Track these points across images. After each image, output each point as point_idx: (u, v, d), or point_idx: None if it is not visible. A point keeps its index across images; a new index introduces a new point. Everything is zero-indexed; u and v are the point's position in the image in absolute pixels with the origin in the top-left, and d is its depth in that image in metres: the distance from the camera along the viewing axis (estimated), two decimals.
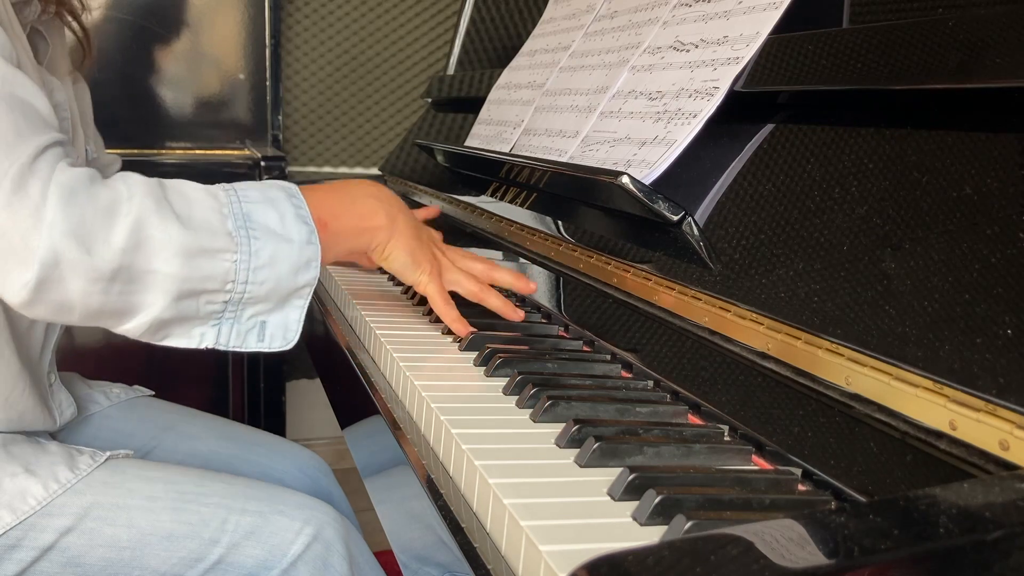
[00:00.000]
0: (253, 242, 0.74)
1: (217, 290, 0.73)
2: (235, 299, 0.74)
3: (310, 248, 0.77)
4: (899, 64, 0.64)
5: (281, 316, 0.78)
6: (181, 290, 0.72)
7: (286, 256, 0.75)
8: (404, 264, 0.88)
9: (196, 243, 0.71)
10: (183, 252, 0.71)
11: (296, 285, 0.77)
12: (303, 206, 0.78)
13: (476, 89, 1.50)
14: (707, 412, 0.67)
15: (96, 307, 0.70)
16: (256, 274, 0.74)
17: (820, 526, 0.38)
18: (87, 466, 0.91)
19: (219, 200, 0.75)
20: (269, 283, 0.75)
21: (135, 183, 0.72)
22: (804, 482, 0.57)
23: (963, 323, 0.51)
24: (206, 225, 0.73)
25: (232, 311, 0.75)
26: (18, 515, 0.85)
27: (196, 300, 0.73)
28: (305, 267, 0.77)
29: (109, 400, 1.13)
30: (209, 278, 0.72)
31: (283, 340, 0.78)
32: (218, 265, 0.73)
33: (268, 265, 0.75)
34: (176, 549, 0.90)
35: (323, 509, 0.97)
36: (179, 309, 0.73)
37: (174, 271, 0.71)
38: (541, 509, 0.52)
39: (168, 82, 2.09)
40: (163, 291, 0.71)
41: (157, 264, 0.70)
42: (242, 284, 0.74)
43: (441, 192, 1.39)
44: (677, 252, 0.78)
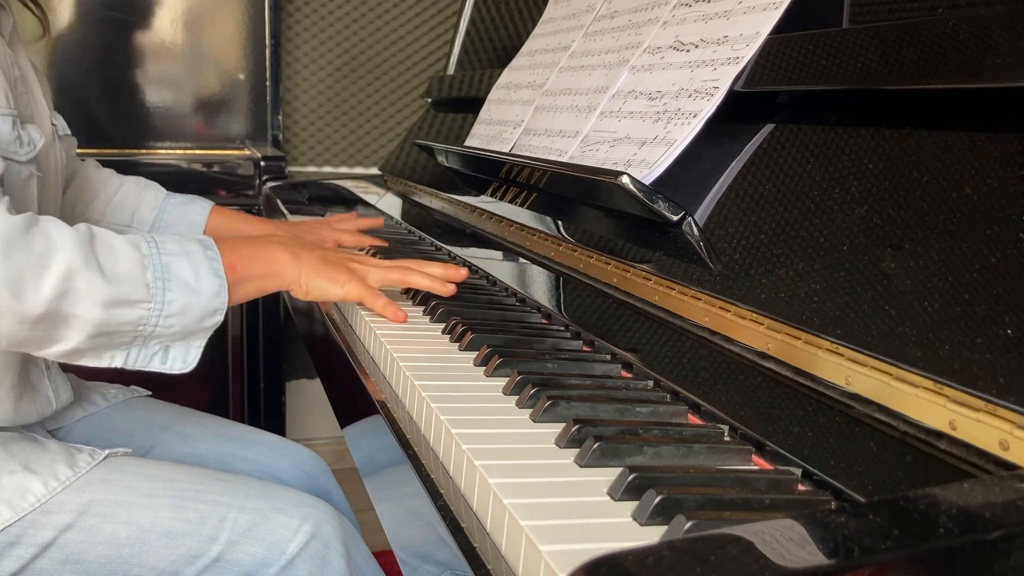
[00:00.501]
0: (167, 293, 0.83)
1: (130, 331, 0.82)
2: (144, 335, 0.83)
3: (218, 299, 0.86)
4: (899, 64, 0.64)
5: (183, 346, 0.87)
6: (98, 331, 0.80)
7: (196, 306, 0.84)
8: (324, 287, 0.94)
9: (117, 294, 0.80)
10: (104, 302, 0.79)
11: (199, 328, 0.86)
12: (217, 258, 0.87)
13: (476, 89, 1.50)
14: (707, 412, 0.67)
15: (20, 340, 0.79)
16: (166, 320, 0.83)
17: (820, 526, 0.38)
18: (86, 464, 0.91)
19: (141, 252, 0.83)
20: (176, 327, 0.84)
21: (66, 234, 0.79)
22: (804, 482, 0.57)
23: (963, 323, 0.51)
24: (128, 277, 0.81)
25: (140, 344, 0.84)
26: (17, 512, 0.86)
27: (110, 337, 0.82)
28: (211, 314, 0.86)
29: (107, 401, 1.13)
30: (124, 323, 0.81)
31: (183, 364, 0.87)
32: (134, 313, 0.81)
33: (179, 314, 0.83)
34: (175, 546, 0.90)
35: (321, 507, 0.97)
36: (94, 343, 0.82)
37: (94, 317, 0.79)
38: (541, 509, 0.52)
39: (168, 82, 2.09)
40: (81, 331, 0.80)
41: (80, 311, 0.78)
42: (152, 327, 0.83)
43: (441, 192, 1.39)
44: (677, 252, 0.78)
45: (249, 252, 0.92)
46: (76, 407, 1.10)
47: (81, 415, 1.10)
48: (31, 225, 0.77)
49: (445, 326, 0.92)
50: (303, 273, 0.93)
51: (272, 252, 0.93)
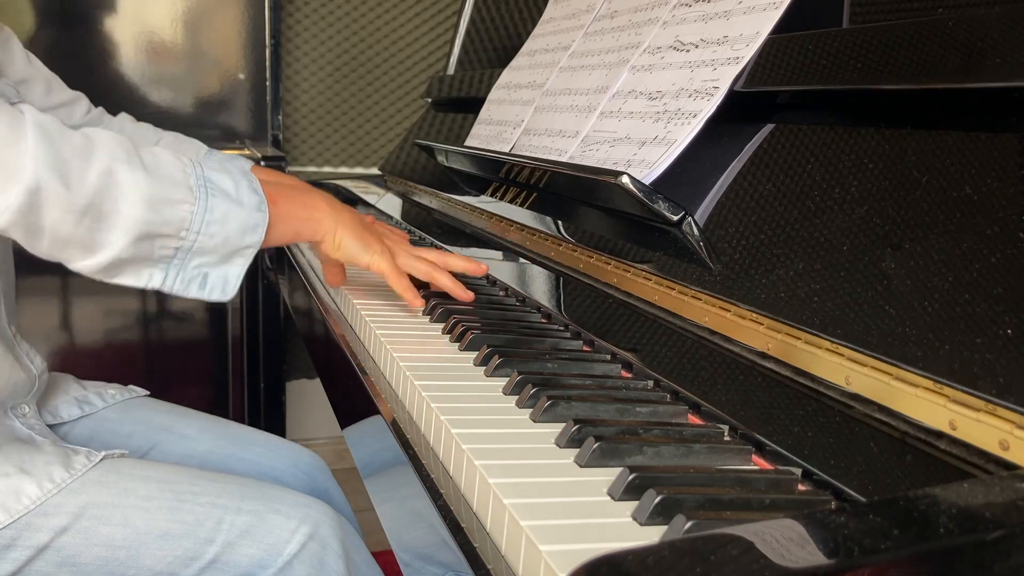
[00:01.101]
0: (210, 199, 0.82)
1: (172, 235, 0.80)
2: (186, 247, 0.81)
3: (259, 215, 0.85)
4: (899, 64, 0.64)
5: (223, 271, 0.85)
6: (141, 232, 0.78)
7: (236, 216, 0.83)
8: (356, 248, 0.94)
9: (160, 192, 0.79)
10: (147, 198, 0.78)
11: (242, 244, 0.84)
12: (256, 182, 0.87)
13: (476, 89, 1.50)
14: (707, 412, 0.67)
15: (64, 236, 0.76)
16: (209, 227, 0.81)
17: (820, 526, 0.38)
18: (82, 466, 0.91)
19: (183, 162, 0.83)
20: (218, 237, 0.82)
21: (106, 134, 0.79)
22: (804, 482, 0.57)
23: (963, 323, 0.51)
24: (170, 178, 0.80)
25: (181, 258, 0.82)
26: (12, 514, 0.85)
27: (152, 243, 0.80)
28: (252, 230, 0.84)
29: (104, 402, 1.13)
30: (167, 223, 0.79)
31: (221, 292, 0.85)
32: (176, 213, 0.80)
33: (220, 221, 0.82)
34: (171, 548, 0.90)
35: (319, 508, 0.97)
36: (136, 250, 0.79)
37: (138, 214, 0.78)
38: (541, 509, 0.52)
39: (168, 82, 2.09)
40: (125, 231, 0.78)
41: (124, 206, 0.77)
42: (195, 234, 0.81)
43: (441, 192, 1.39)
44: (677, 252, 0.78)
45: (290, 192, 0.92)
46: (74, 406, 1.10)
47: (79, 414, 1.10)
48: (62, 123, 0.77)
49: (445, 326, 0.92)
50: (339, 229, 0.93)
51: (313, 199, 0.94)
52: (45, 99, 1.13)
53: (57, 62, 1.28)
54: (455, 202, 1.31)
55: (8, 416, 0.97)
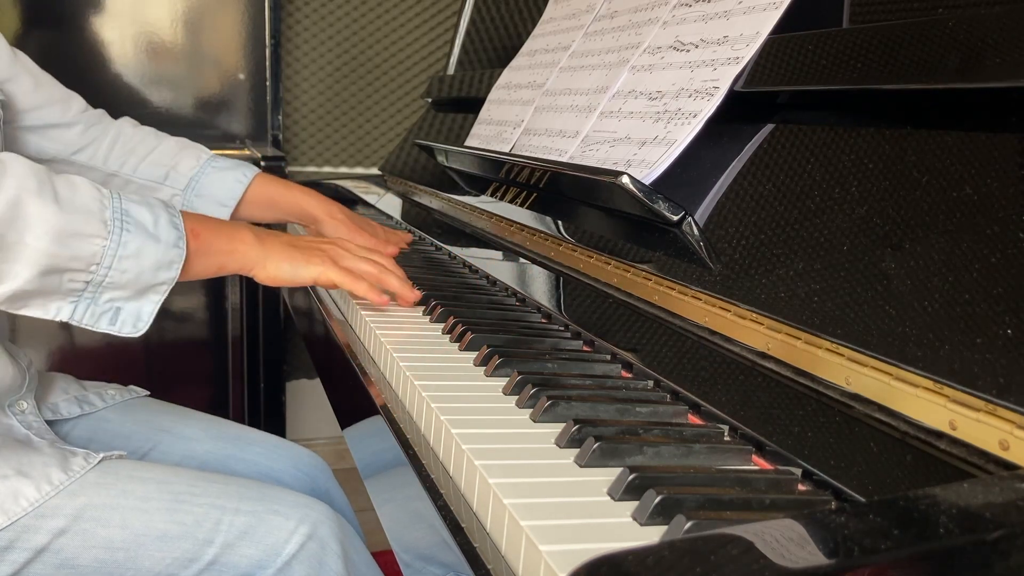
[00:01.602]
0: (124, 234, 0.80)
1: (81, 270, 0.79)
2: (96, 281, 0.80)
3: (175, 251, 0.84)
4: (899, 64, 0.64)
5: (136, 305, 0.83)
6: (48, 265, 0.77)
7: (151, 252, 0.82)
8: (290, 270, 0.93)
9: (70, 225, 0.77)
10: (55, 231, 0.76)
11: (155, 281, 0.83)
12: (178, 216, 0.86)
13: (476, 89, 1.50)
14: (707, 412, 0.67)
15: None
16: (121, 262, 0.80)
17: (820, 526, 0.38)
18: (80, 467, 0.91)
19: (101, 192, 0.81)
20: (130, 273, 0.81)
21: (22, 162, 0.78)
22: (804, 482, 0.57)
23: (963, 323, 0.51)
24: (84, 210, 0.79)
25: (91, 292, 0.81)
26: (10, 516, 0.85)
27: (60, 277, 0.78)
28: (167, 266, 0.83)
29: (104, 402, 1.13)
30: (76, 258, 0.78)
31: (133, 327, 0.84)
32: (87, 247, 0.78)
33: (134, 256, 0.81)
34: (170, 550, 0.90)
35: (318, 508, 0.97)
36: (42, 283, 0.78)
37: (44, 247, 0.76)
38: (541, 509, 0.52)
39: (168, 82, 2.09)
40: (30, 263, 0.76)
41: (29, 239, 0.75)
42: (105, 268, 0.80)
43: (441, 192, 1.39)
44: (677, 252, 0.78)
45: (215, 226, 0.91)
46: (74, 404, 1.10)
47: (79, 412, 1.10)
48: None
49: (445, 326, 0.92)
50: (269, 258, 0.92)
51: (238, 232, 0.92)
52: (32, 96, 1.10)
53: (57, 63, 1.28)
54: (455, 202, 1.31)
55: (6, 414, 0.97)
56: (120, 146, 1.19)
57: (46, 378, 1.10)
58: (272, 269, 0.92)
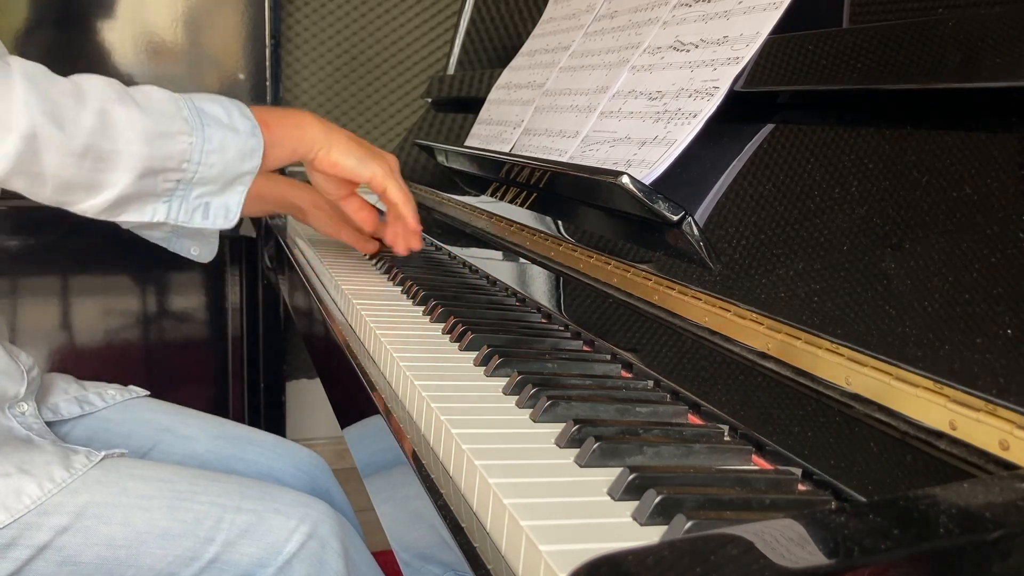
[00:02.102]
0: (206, 129, 0.83)
1: (174, 168, 0.82)
2: (187, 178, 0.83)
3: (254, 139, 0.87)
4: (899, 64, 0.64)
5: (223, 199, 0.87)
6: (144, 168, 0.80)
7: (233, 143, 0.85)
8: (354, 162, 0.97)
9: (156, 126, 0.80)
10: (145, 134, 0.79)
11: (240, 171, 0.86)
12: (246, 109, 0.89)
13: (476, 89, 1.50)
14: (707, 412, 0.67)
15: (67, 179, 0.78)
16: (208, 156, 0.83)
17: (820, 526, 0.38)
18: (82, 465, 0.91)
19: (174, 96, 0.84)
20: (218, 167, 0.84)
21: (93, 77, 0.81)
22: (804, 482, 0.57)
23: (963, 323, 0.51)
24: (164, 112, 0.82)
25: (183, 190, 0.84)
26: (12, 514, 0.85)
27: (155, 178, 0.81)
28: (249, 155, 0.86)
29: (104, 402, 1.13)
30: (168, 157, 0.81)
31: (224, 219, 0.88)
32: (175, 146, 0.81)
33: (218, 150, 0.84)
34: (171, 547, 0.90)
35: (319, 507, 0.97)
36: (140, 186, 0.81)
37: (137, 151, 0.79)
38: (541, 509, 0.52)
39: (168, 82, 2.08)
40: (128, 169, 0.79)
41: (122, 145, 0.79)
42: (195, 164, 0.83)
43: (441, 192, 1.39)
44: (677, 252, 0.78)
45: (280, 114, 0.94)
46: (74, 404, 1.10)
47: (79, 413, 1.10)
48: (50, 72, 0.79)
49: (445, 326, 0.92)
50: (334, 142, 0.95)
51: (303, 117, 0.96)
52: None
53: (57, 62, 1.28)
54: (455, 202, 1.31)
55: (6, 415, 0.97)
56: None
57: (46, 378, 1.11)
58: (336, 155, 0.95)
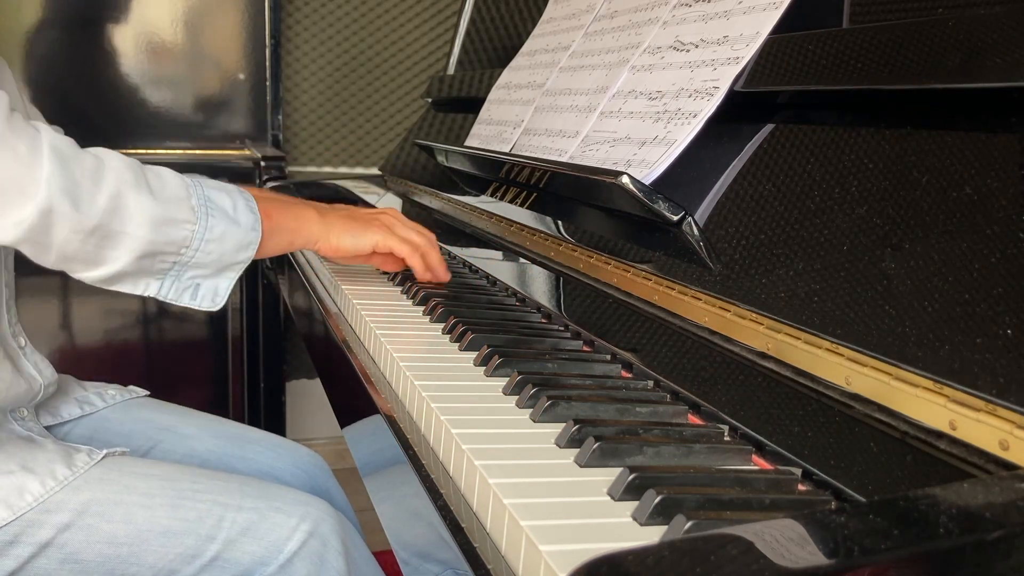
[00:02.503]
0: (210, 219, 0.88)
1: (172, 252, 0.87)
2: (183, 262, 0.88)
3: (253, 233, 0.91)
4: (899, 64, 0.64)
5: (214, 282, 0.91)
6: (145, 251, 0.84)
7: (233, 235, 0.89)
8: (352, 240, 1.00)
9: (164, 213, 0.85)
10: (153, 220, 0.84)
11: (234, 260, 0.91)
12: (252, 201, 0.93)
13: (476, 89, 1.50)
14: (707, 412, 0.67)
15: (71, 252, 0.82)
16: (207, 244, 0.88)
17: (820, 526, 0.38)
18: (84, 463, 0.91)
19: (184, 181, 0.89)
20: (214, 254, 0.89)
21: (115, 155, 0.84)
22: (804, 482, 0.57)
23: (963, 323, 0.51)
24: (175, 198, 0.86)
25: (177, 271, 0.88)
26: (15, 511, 0.86)
27: (153, 259, 0.86)
28: (246, 247, 0.91)
29: (105, 402, 1.13)
30: (170, 243, 0.86)
31: (211, 302, 0.91)
32: (179, 233, 0.86)
33: (218, 240, 0.88)
34: (173, 545, 0.90)
35: (320, 506, 0.98)
36: (138, 265, 0.85)
37: (143, 234, 0.83)
38: (541, 509, 0.52)
39: (168, 82, 2.09)
40: (130, 250, 0.84)
41: (130, 228, 0.83)
42: (193, 251, 0.87)
43: (441, 192, 1.39)
44: (677, 252, 0.78)
45: (281, 206, 0.98)
46: (74, 406, 1.10)
47: (79, 414, 1.10)
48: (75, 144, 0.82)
49: (445, 326, 0.92)
50: (331, 231, 0.99)
51: (302, 209, 1.00)
52: None
53: (57, 64, 1.28)
54: (455, 202, 1.31)
55: (8, 419, 0.97)
56: None
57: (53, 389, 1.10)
58: (335, 240, 0.99)
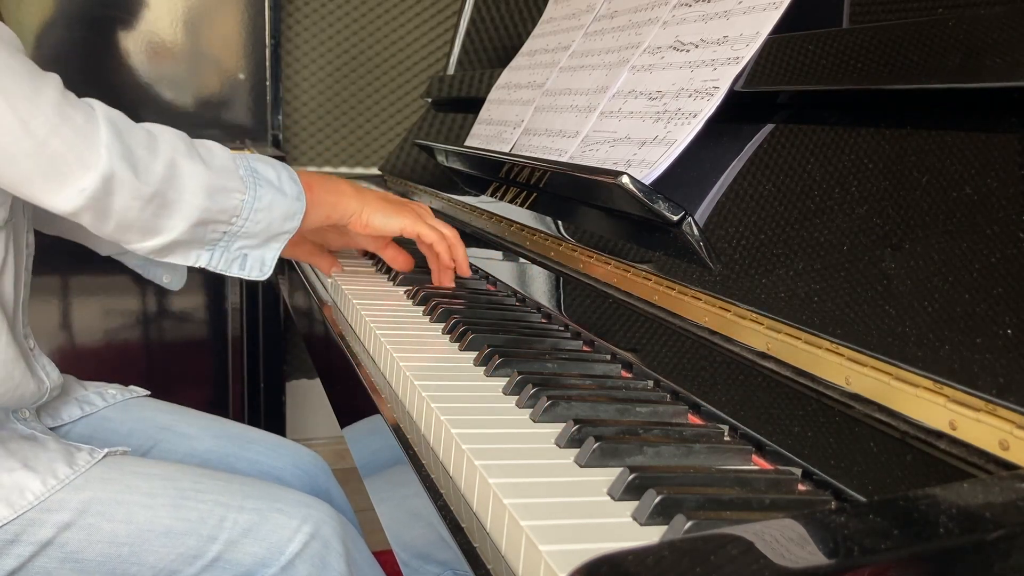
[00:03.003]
0: (258, 188, 0.90)
1: (224, 221, 0.89)
2: (233, 231, 0.90)
3: (298, 203, 0.93)
4: (899, 64, 0.64)
5: (260, 253, 0.93)
6: (200, 218, 0.87)
7: (280, 205, 0.91)
8: (385, 218, 1.01)
9: (217, 182, 0.87)
10: (207, 188, 0.86)
11: (281, 230, 0.93)
12: (294, 173, 0.96)
13: (476, 89, 1.50)
14: (707, 412, 0.67)
15: (130, 220, 0.84)
16: (256, 214, 0.90)
17: (820, 526, 0.38)
18: (85, 462, 0.91)
19: (230, 153, 0.91)
20: (262, 224, 0.91)
21: (165, 128, 0.88)
22: (804, 482, 0.57)
23: (963, 323, 0.51)
24: (224, 168, 0.89)
25: (227, 241, 0.90)
26: (16, 510, 0.86)
27: (205, 228, 0.88)
28: (291, 217, 0.93)
29: (105, 401, 1.13)
30: (223, 211, 0.88)
31: (259, 271, 0.94)
32: (231, 201, 0.88)
33: (266, 209, 0.90)
34: (174, 545, 0.90)
35: (321, 507, 0.98)
36: (192, 233, 0.87)
37: (199, 202, 0.86)
38: (541, 509, 0.52)
39: (168, 82, 2.09)
40: (185, 218, 0.86)
41: (187, 196, 0.85)
42: (243, 220, 0.89)
43: (441, 192, 1.39)
44: (677, 252, 0.78)
45: (321, 180, 1.01)
46: (75, 407, 1.10)
47: (80, 415, 1.10)
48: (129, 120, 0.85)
49: (445, 326, 0.92)
50: (365, 208, 1.01)
51: (339, 184, 1.02)
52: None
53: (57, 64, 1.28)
54: (455, 202, 1.31)
55: (10, 419, 0.97)
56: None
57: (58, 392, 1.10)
58: (366, 217, 1.01)
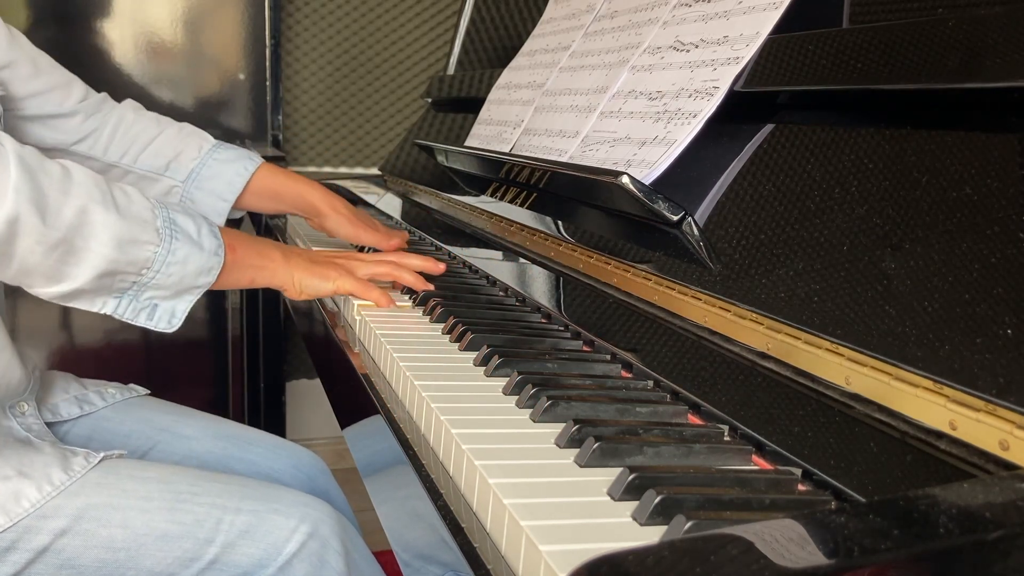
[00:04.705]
0: (174, 241, 0.86)
1: (133, 273, 0.85)
2: (143, 282, 0.86)
3: (215, 258, 0.90)
4: (899, 64, 0.64)
5: (171, 304, 0.90)
6: (106, 269, 0.83)
7: (195, 259, 0.88)
8: (315, 284, 0.98)
9: (129, 233, 0.83)
10: (117, 239, 0.82)
11: (194, 284, 0.89)
12: (215, 227, 0.92)
13: (476, 89, 1.50)
14: (707, 412, 0.67)
15: (31, 265, 0.80)
16: (168, 267, 0.86)
17: (820, 526, 0.38)
18: (81, 467, 0.91)
19: (151, 203, 0.87)
20: (175, 277, 0.87)
21: (82, 170, 0.83)
22: (804, 482, 0.57)
23: (963, 323, 0.51)
24: (140, 218, 0.85)
25: (135, 291, 0.87)
26: (12, 517, 0.85)
27: (113, 278, 0.84)
28: (207, 272, 0.89)
29: (104, 401, 1.13)
30: (132, 263, 0.84)
31: (167, 324, 0.90)
32: (142, 253, 0.85)
33: (180, 263, 0.87)
34: (171, 549, 0.90)
35: (319, 507, 0.97)
36: (98, 283, 0.84)
37: (106, 252, 0.82)
38: (541, 509, 0.52)
39: (168, 82, 2.09)
40: (91, 267, 0.82)
41: (94, 245, 0.81)
42: (154, 272, 0.86)
43: (441, 192, 1.39)
44: (677, 252, 0.78)
45: (248, 241, 0.96)
46: (74, 404, 1.10)
47: (79, 413, 1.10)
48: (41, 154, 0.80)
49: (445, 326, 0.92)
50: (295, 274, 0.97)
51: (267, 248, 0.98)
52: (31, 83, 1.08)
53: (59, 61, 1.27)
54: (455, 202, 1.31)
55: (6, 416, 0.97)
56: (121, 135, 1.18)
57: (46, 377, 1.10)
58: (298, 285, 0.98)
